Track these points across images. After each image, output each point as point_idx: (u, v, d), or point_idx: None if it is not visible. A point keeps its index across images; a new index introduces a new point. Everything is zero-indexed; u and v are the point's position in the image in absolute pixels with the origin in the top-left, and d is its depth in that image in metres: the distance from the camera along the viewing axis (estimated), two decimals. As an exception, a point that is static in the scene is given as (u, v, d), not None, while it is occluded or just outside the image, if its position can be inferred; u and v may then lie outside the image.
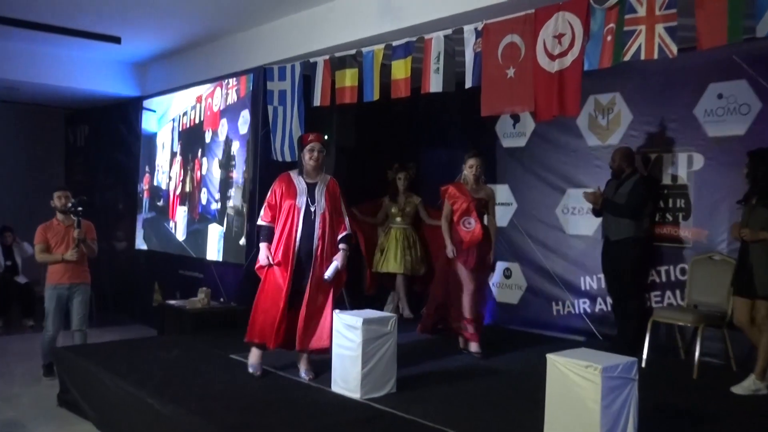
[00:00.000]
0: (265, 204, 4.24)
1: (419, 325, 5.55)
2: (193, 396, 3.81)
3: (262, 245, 4.20)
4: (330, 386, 3.99)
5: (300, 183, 4.23)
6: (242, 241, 6.44)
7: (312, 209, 4.17)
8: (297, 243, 4.15)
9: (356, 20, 5.30)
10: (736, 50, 4.60)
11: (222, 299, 6.47)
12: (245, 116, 6.55)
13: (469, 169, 4.94)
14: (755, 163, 4.12)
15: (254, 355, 4.30)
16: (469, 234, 4.87)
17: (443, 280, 5.16)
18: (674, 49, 3.64)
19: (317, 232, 4.16)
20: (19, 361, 5.95)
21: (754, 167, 4.12)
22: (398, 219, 6.31)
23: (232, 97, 6.80)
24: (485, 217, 5.06)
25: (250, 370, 4.25)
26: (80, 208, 5.27)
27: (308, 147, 4.20)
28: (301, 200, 4.18)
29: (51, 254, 5.27)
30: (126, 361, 4.57)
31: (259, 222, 4.27)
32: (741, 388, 4.05)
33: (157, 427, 3.64)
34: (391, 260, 6.22)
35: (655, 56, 3.71)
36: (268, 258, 4.16)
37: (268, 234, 4.21)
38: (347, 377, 3.87)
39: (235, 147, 6.68)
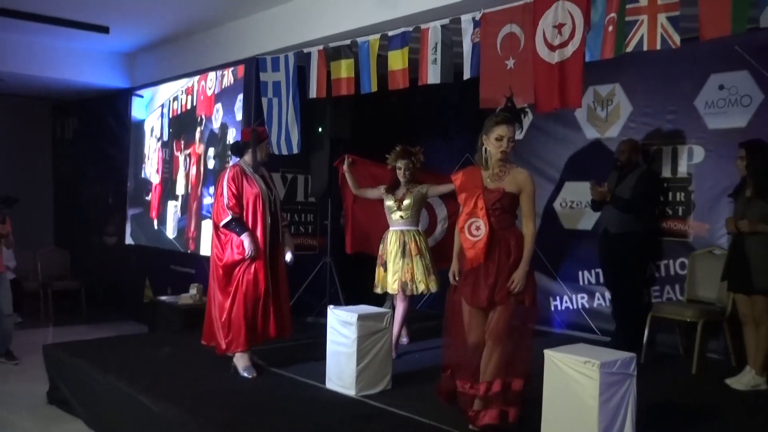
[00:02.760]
0: (229, 195, 4.18)
1: (437, 385, 3.57)
2: (186, 394, 3.81)
3: (246, 236, 4.15)
4: (324, 383, 4.00)
5: (254, 174, 4.33)
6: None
7: (272, 198, 4.34)
8: (268, 234, 4.25)
9: (351, 9, 5.28)
10: (738, 41, 4.59)
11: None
12: (242, 100, 6.42)
13: (496, 144, 3.25)
14: (752, 155, 4.12)
15: (243, 359, 4.22)
16: (473, 246, 3.21)
17: (452, 313, 3.44)
18: (677, 39, 3.64)
19: (279, 220, 4.38)
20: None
21: (750, 159, 4.12)
22: (395, 217, 4.82)
23: (229, 79, 6.62)
24: (510, 218, 3.30)
25: (246, 374, 4.18)
26: (4, 205, 5.66)
27: (266, 141, 4.45)
28: (263, 190, 4.29)
29: None
30: (117, 358, 4.58)
31: (229, 216, 4.17)
32: (740, 384, 4.07)
33: (150, 425, 3.65)
34: (390, 277, 4.76)
35: (658, 47, 3.71)
36: (258, 247, 4.18)
37: (244, 224, 4.21)
38: (342, 374, 3.88)
39: (231, 135, 6.54)
